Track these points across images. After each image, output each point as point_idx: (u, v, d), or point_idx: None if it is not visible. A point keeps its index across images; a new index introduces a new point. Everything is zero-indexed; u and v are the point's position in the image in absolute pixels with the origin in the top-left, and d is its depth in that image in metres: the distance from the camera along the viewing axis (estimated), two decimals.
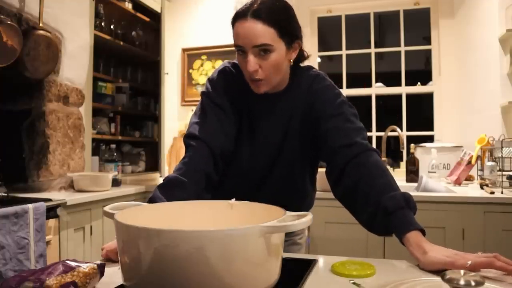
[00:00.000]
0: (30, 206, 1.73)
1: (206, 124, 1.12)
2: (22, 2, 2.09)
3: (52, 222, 1.87)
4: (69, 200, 1.98)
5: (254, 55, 1.03)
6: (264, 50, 1.02)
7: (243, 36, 1.03)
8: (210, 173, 1.08)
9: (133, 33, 3.27)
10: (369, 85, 3.39)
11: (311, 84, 1.15)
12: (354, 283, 0.80)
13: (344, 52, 3.44)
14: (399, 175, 2.95)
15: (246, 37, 1.02)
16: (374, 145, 3.27)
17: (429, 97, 3.25)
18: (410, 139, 3.14)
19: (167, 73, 3.35)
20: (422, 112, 4.18)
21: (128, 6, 3.12)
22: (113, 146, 2.89)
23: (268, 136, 1.16)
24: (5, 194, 1.97)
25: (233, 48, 1.13)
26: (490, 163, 2.35)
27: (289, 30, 1.06)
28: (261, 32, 1.01)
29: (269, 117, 1.16)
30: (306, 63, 1.25)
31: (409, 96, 3.31)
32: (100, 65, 3.06)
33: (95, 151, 2.82)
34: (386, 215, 0.97)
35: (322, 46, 3.61)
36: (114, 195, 2.31)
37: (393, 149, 3.40)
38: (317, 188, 2.26)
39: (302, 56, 1.18)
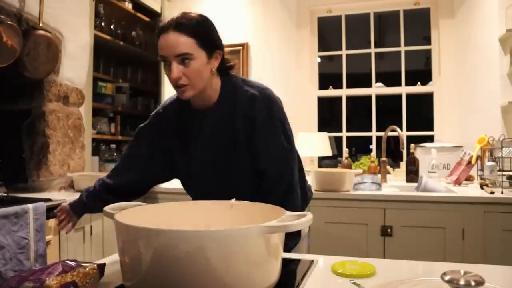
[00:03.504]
0: (30, 206, 1.73)
1: (121, 163, 1.39)
2: (22, 2, 2.09)
3: (52, 222, 1.87)
4: (69, 200, 1.97)
5: (177, 64, 1.13)
6: (185, 59, 1.12)
7: (166, 46, 1.13)
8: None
9: (133, 33, 3.27)
10: (369, 85, 3.39)
11: (250, 104, 1.21)
12: (354, 283, 0.80)
13: (344, 52, 3.44)
14: (399, 175, 2.95)
15: (169, 47, 1.12)
16: (374, 145, 3.28)
17: (429, 97, 3.25)
18: (410, 139, 3.14)
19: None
20: (422, 112, 4.19)
21: (128, 6, 3.12)
22: (113, 146, 2.89)
23: (204, 149, 1.26)
24: (5, 194, 1.97)
25: (233, 48, 1.16)
26: (490, 163, 2.35)
27: (208, 40, 1.17)
28: (182, 42, 1.12)
29: (200, 133, 1.26)
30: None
31: (409, 96, 3.31)
32: (100, 65, 3.06)
33: (95, 151, 2.82)
34: None
35: (322, 46, 3.60)
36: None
37: (393, 149, 3.39)
38: (317, 188, 2.27)
39: (226, 66, 1.27)
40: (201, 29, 1.15)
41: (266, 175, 1.22)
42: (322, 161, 4.01)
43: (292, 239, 1.24)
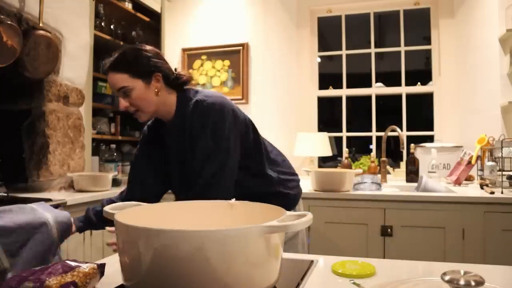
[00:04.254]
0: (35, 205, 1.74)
1: (130, 177, 1.52)
2: (22, 2, 2.09)
3: None
4: (69, 200, 1.98)
5: (122, 97, 1.31)
6: (125, 91, 1.29)
7: (110, 85, 1.33)
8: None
9: (133, 33, 3.27)
10: (369, 85, 3.39)
11: (192, 112, 1.31)
12: (354, 283, 0.80)
13: (344, 52, 3.44)
14: (399, 175, 2.95)
15: (111, 85, 1.32)
16: (374, 145, 3.28)
17: (429, 97, 3.25)
18: (410, 139, 3.14)
19: None
20: (422, 112, 4.19)
21: (128, 6, 3.12)
22: (113, 146, 2.89)
23: (173, 158, 1.40)
24: (5, 194, 1.97)
25: (233, 48, 1.18)
26: (490, 163, 2.35)
27: (139, 70, 1.30)
28: (117, 79, 1.29)
29: (168, 144, 1.41)
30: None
31: (409, 96, 3.31)
32: (100, 65, 3.06)
33: (95, 151, 2.82)
34: None
35: (322, 46, 3.60)
36: (114, 195, 2.30)
37: (393, 149, 3.39)
38: (317, 188, 2.27)
39: (180, 82, 1.38)
40: (130, 63, 1.30)
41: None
42: (323, 162, 4.01)
43: None
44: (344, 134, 3.45)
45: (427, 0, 3.21)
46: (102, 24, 2.92)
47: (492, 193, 2.09)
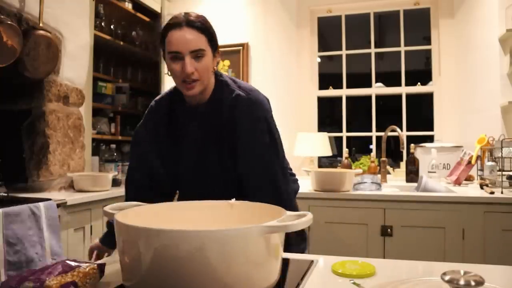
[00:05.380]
0: (41, 204, 1.78)
1: (132, 163, 1.39)
2: (22, 2, 2.09)
3: None
4: (69, 200, 1.98)
5: (190, 59, 1.16)
6: (198, 55, 1.16)
7: (181, 42, 1.15)
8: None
9: (133, 33, 3.27)
10: (369, 85, 3.39)
11: (235, 105, 1.23)
12: (354, 283, 0.80)
13: (344, 52, 3.44)
14: (399, 175, 2.95)
15: (184, 43, 1.15)
16: (374, 145, 3.28)
17: (429, 97, 3.25)
18: (410, 139, 3.13)
19: (167, 73, 3.35)
20: (422, 112, 4.19)
21: (128, 6, 3.12)
22: (113, 146, 2.89)
23: (190, 147, 1.28)
24: (5, 194, 1.97)
25: (233, 48, 1.18)
26: (490, 163, 2.35)
27: (214, 39, 1.22)
28: (197, 38, 1.16)
29: (189, 130, 1.29)
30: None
31: (409, 96, 3.31)
32: (100, 65, 3.06)
33: (95, 151, 2.82)
34: None
35: (322, 46, 3.60)
36: (114, 195, 2.30)
37: (393, 149, 3.39)
38: (317, 188, 2.27)
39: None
40: (208, 28, 1.20)
41: (247, 177, 1.23)
42: (323, 162, 4.01)
43: (298, 243, 1.27)
44: (344, 134, 3.45)
45: (427, 0, 3.21)
46: (102, 24, 2.92)
47: (492, 193, 2.09)
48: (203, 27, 1.18)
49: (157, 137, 1.32)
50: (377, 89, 3.40)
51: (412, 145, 2.81)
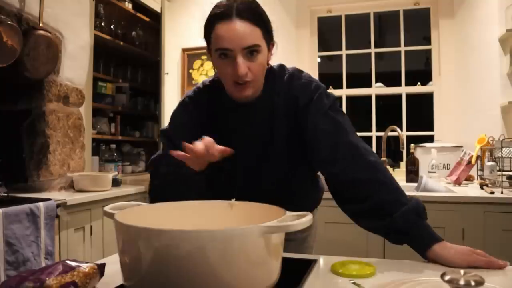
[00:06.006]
0: (41, 204, 1.78)
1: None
2: (22, 2, 2.09)
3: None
4: (69, 200, 1.98)
5: (243, 57, 0.97)
6: (252, 52, 0.98)
7: (231, 37, 0.95)
8: None
9: (133, 33, 3.27)
10: (369, 85, 3.39)
11: (288, 85, 1.10)
12: (354, 283, 0.80)
13: (344, 52, 3.44)
14: (399, 175, 2.94)
15: (235, 38, 0.95)
16: (374, 145, 3.27)
17: (429, 97, 3.25)
18: (410, 139, 3.14)
19: (167, 73, 3.35)
20: (422, 112, 4.18)
21: (128, 6, 3.12)
22: (113, 146, 2.89)
23: (240, 143, 1.07)
24: (5, 194, 1.97)
25: None
26: (490, 163, 2.35)
27: (270, 29, 1.03)
28: (250, 32, 0.96)
29: (246, 128, 1.11)
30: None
31: (409, 96, 3.31)
32: (100, 65, 3.06)
33: (95, 151, 2.82)
34: (402, 235, 1.06)
35: (322, 46, 3.61)
36: (114, 195, 2.31)
37: (393, 149, 3.40)
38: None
39: None
40: (262, 17, 1.01)
41: (320, 153, 1.06)
42: None
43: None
44: None
45: (427, 0, 3.21)
46: (102, 24, 2.92)
47: (492, 193, 2.09)
48: (258, 17, 0.98)
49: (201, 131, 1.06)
50: (377, 89, 3.40)
51: (412, 145, 2.81)
